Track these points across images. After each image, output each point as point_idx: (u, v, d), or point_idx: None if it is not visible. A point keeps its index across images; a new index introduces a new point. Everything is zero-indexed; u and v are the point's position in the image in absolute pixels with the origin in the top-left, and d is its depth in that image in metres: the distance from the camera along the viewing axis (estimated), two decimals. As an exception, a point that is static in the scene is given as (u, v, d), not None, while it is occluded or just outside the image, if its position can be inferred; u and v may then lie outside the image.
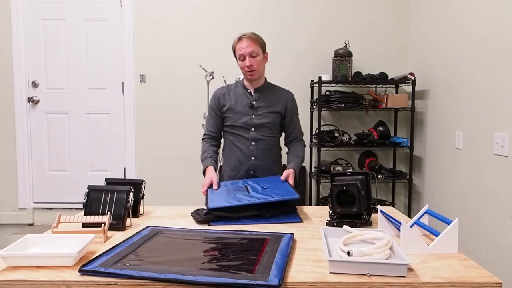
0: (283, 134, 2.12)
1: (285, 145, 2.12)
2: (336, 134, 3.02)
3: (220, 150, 2.10)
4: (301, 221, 1.50)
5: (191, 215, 1.56)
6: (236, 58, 1.97)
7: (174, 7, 3.26)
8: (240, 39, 1.94)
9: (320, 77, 2.92)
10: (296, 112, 2.09)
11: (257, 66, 1.93)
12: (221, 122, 2.05)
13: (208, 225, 1.47)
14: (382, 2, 3.25)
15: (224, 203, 1.53)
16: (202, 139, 2.08)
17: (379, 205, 1.55)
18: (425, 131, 2.97)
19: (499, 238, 2.04)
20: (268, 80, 2.10)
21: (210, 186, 1.77)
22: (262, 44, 1.97)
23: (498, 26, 2.06)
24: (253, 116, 1.97)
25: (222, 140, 2.12)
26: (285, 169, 1.88)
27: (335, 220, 1.43)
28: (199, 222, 1.48)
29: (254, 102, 1.98)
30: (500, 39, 2.04)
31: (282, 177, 1.79)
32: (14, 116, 3.28)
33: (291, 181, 1.79)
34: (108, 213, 1.38)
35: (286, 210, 1.57)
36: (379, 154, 3.30)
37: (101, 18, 3.29)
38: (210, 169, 1.88)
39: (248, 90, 2.01)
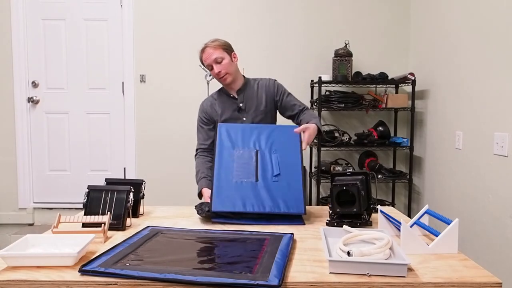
0: (287, 118, 2.06)
1: (297, 124, 2.00)
2: (336, 134, 3.02)
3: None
4: (303, 223, 1.48)
5: (195, 208, 1.54)
6: (207, 69, 1.97)
7: (174, 7, 3.26)
8: (202, 50, 1.93)
9: (320, 77, 2.92)
10: (285, 92, 2.02)
11: (225, 70, 1.90)
12: (213, 133, 2.02)
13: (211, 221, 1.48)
14: (382, 2, 3.25)
15: (228, 207, 1.48)
16: (195, 155, 2.03)
17: (379, 205, 1.55)
18: (425, 131, 2.97)
19: (499, 238, 2.04)
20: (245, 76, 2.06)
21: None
22: (224, 47, 1.92)
23: (498, 26, 2.06)
24: (244, 119, 1.96)
25: None
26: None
27: (335, 220, 1.43)
28: (201, 216, 1.48)
29: (240, 105, 1.96)
30: (500, 39, 2.05)
31: (298, 129, 1.63)
32: (14, 116, 3.28)
33: (306, 135, 1.63)
34: (108, 213, 1.38)
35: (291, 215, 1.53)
36: (379, 154, 3.30)
37: (101, 18, 3.29)
38: (206, 191, 1.80)
39: (232, 95, 1.99)
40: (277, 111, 2.07)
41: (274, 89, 2.01)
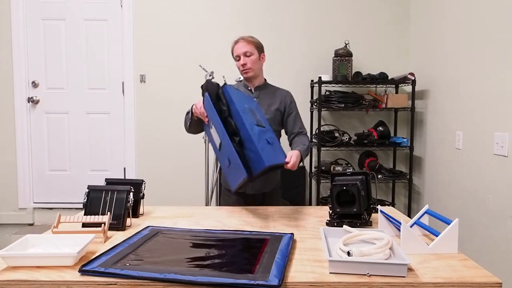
0: (285, 133, 2.12)
1: (289, 144, 2.09)
2: (336, 134, 3.02)
3: None
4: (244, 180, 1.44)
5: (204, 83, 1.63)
6: (234, 60, 2.07)
7: (174, 7, 3.26)
8: (236, 41, 2.05)
9: (320, 77, 2.92)
10: (295, 109, 2.11)
11: (251, 64, 2.01)
12: None
13: (202, 92, 1.60)
14: (382, 2, 3.25)
15: (230, 94, 1.53)
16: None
17: (379, 205, 1.55)
18: (425, 131, 2.97)
19: (499, 238, 2.04)
20: (268, 80, 2.15)
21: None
22: (257, 45, 2.05)
23: (498, 26, 2.06)
24: None
25: None
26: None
27: (335, 220, 1.43)
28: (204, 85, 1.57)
29: (255, 99, 2.03)
30: (500, 39, 2.05)
31: (287, 159, 1.67)
32: (14, 116, 3.28)
33: (293, 159, 1.65)
34: (108, 213, 1.38)
35: (247, 164, 1.49)
36: (379, 154, 3.30)
37: (101, 18, 3.29)
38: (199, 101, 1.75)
39: (249, 88, 2.08)
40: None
41: (289, 100, 2.09)
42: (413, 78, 2.90)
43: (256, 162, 1.45)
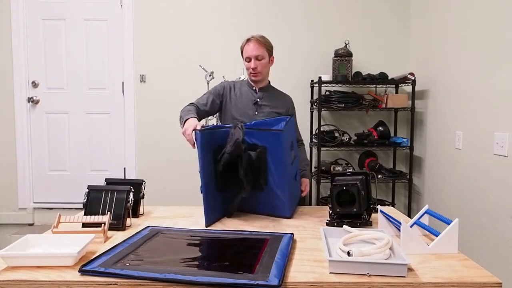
0: None
1: None
2: (336, 134, 3.02)
3: None
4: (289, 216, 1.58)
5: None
6: (242, 58, 2.04)
7: (174, 7, 3.26)
8: (248, 40, 2.01)
9: (320, 77, 2.92)
10: (295, 115, 2.16)
11: (261, 68, 2.00)
12: (213, 108, 2.01)
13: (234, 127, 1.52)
14: (382, 2, 3.25)
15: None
16: (187, 105, 1.95)
17: (379, 205, 1.55)
18: (425, 131, 2.97)
19: (499, 238, 2.04)
20: (270, 81, 2.16)
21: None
22: (268, 48, 2.03)
23: (498, 26, 2.06)
24: (256, 113, 2.01)
25: None
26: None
27: (335, 220, 1.43)
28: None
29: (258, 100, 2.03)
30: (500, 39, 2.05)
31: (302, 187, 1.88)
32: (14, 116, 3.28)
33: (307, 189, 1.93)
34: (108, 213, 1.38)
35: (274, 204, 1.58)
36: (379, 154, 3.30)
37: (101, 18, 3.29)
38: (194, 120, 1.65)
39: (254, 88, 2.07)
40: None
41: (291, 106, 2.14)
42: (413, 78, 2.90)
43: (282, 210, 1.57)
